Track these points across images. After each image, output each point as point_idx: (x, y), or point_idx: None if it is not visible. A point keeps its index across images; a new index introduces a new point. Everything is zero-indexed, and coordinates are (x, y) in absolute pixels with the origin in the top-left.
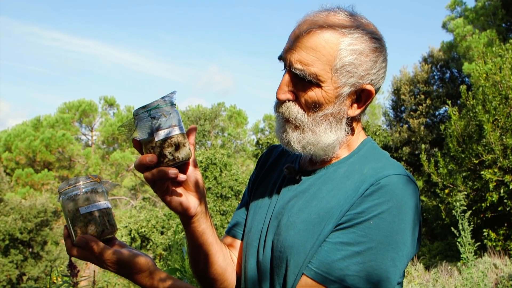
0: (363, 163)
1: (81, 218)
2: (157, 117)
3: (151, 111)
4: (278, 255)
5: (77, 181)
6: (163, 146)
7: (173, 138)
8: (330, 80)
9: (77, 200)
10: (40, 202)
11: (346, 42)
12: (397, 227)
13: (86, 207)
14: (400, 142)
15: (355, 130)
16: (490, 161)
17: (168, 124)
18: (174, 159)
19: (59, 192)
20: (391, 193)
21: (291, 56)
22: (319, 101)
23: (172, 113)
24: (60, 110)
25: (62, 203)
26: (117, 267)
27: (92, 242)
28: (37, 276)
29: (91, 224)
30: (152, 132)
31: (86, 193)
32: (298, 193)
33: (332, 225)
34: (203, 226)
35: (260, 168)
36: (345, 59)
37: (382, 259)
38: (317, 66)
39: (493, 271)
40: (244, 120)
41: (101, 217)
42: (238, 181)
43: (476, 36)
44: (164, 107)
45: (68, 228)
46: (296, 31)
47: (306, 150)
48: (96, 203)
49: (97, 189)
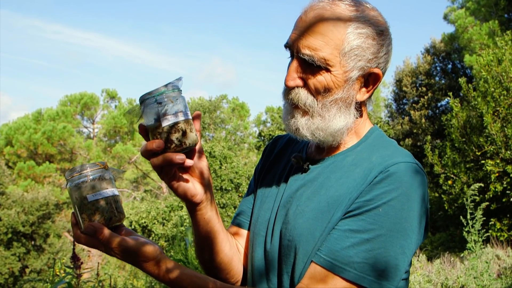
0: (371, 151)
1: (88, 206)
2: (163, 103)
3: (157, 97)
4: (286, 244)
5: (84, 168)
6: (170, 131)
7: (180, 124)
8: (339, 64)
9: (84, 187)
10: (42, 195)
11: (353, 26)
12: (406, 214)
13: (93, 194)
14: (402, 134)
15: (362, 116)
16: (492, 152)
17: (175, 110)
18: (181, 145)
19: (66, 179)
20: (400, 180)
21: (299, 42)
22: (329, 86)
23: (178, 98)
24: (61, 103)
25: (69, 190)
26: (124, 255)
27: (100, 230)
28: (40, 268)
29: (99, 211)
30: (158, 118)
31: (93, 180)
32: (307, 182)
33: (341, 212)
34: (209, 213)
35: (266, 158)
36: (353, 43)
37: (391, 247)
38: (326, 51)
39: (496, 262)
40: (247, 112)
41: (109, 204)
42: (239, 173)
43: (477, 28)
44: (171, 92)
45: (75, 215)
46: (302, 17)
47: (315, 136)
48: (103, 190)
49: (104, 176)
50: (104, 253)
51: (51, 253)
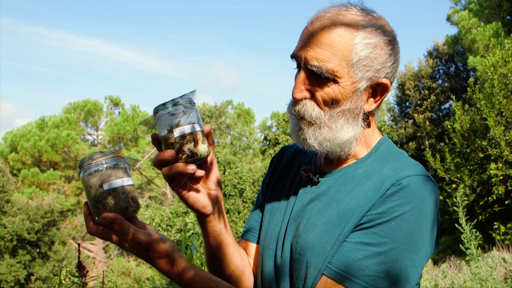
0: (382, 163)
1: (104, 195)
2: (176, 114)
3: (170, 108)
4: (297, 258)
5: (99, 156)
6: (182, 142)
7: (192, 134)
8: (347, 76)
9: (99, 176)
10: (47, 202)
11: (361, 36)
12: (418, 228)
13: (109, 183)
14: (406, 138)
15: (370, 125)
16: (495, 156)
17: (187, 121)
18: (192, 156)
19: (80, 167)
20: (413, 193)
21: (306, 54)
22: (337, 97)
23: (191, 110)
24: (65, 110)
25: (83, 179)
26: (138, 249)
27: (117, 221)
28: (45, 276)
29: (115, 201)
30: (171, 128)
31: (109, 169)
32: (318, 195)
33: (352, 225)
34: (219, 225)
35: (274, 169)
36: (361, 53)
37: (402, 260)
38: (334, 62)
39: (502, 265)
40: (252, 118)
41: (125, 194)
42: (242, 179)
43: (481, 29)
44: (184, 104)
45: (89, 205)
46: (309, 28)
47: (323, 147)
48: (119, 179)
49: (120, 164)
50: (117, 245)
51: (56, 260)
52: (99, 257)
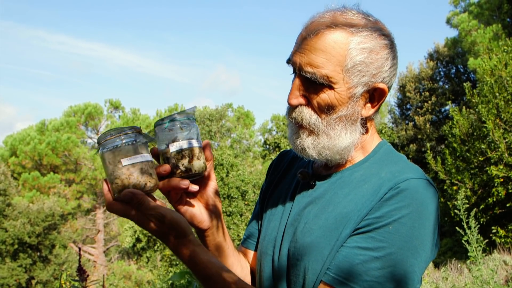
0: (380, 166)
1: (123, 170)
2: (174, 130)
3: (169, 123)
4: (295, 263)
5: (118, 132)
6: (177, 157)
7: (188, 150)
8: (342, 81)
9: (119, 151)
10: (48, 205)
11: (356, 40)
12: (417, 232)
13: (128, 158)
14: (406, 140)
15: (369, 130)
16: (495, 158)
17: (184, 137)
18: (187, 171)
19: (98, 143)
20: (411, 197)
21: (301, 59)
22: (333, 103)
23: (189, 126)
24: (65, 114)
25: (102, 155)
26: (157, 225)
27: (137, 196)
28: (46, 280)
29: (134, 176)
30: (168, 143)
31: (128, 144)
32: (314, 199)
33: (350, 229)
34: (218, 239)
35: (272, 175)
36: (356, 58)
37: (401, 265)
38: (328, 68)
39: (503, 268)
40: (252, 121)
41: (145, 170)
42: (245, 181)
43: (481, 31)
44: (182, 120)
45: (108, 181)
46: (303, 34)
47: (322, 156)
48: (138, 155)
49: (139, 140)
50: (135, 222)
51: (57, 264)
52: (100, 261)
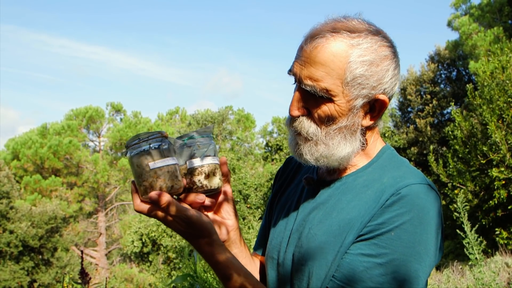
0: (383, 171)
1: (150, 173)
2: (192, 147)
3: (187, 141)
4: (299, 268)
5: (147, 136)
6: (194, 173)
7: (204, 167)
8: (342, 94)
9: (146, 155)
10: (50, 208)
11: (355, 53)
12: (419, 237)
13: (155, 162)
14: (408, 143)
15: (371, 138)
16: (497, 160)
17: (202, 154)
18: (202, 187)
19: (127, 147)
20: (412, 203)
21: (301, 72)
22: (332, 115)
23: (207, 144)
24: (67, 117)
25: (130, 159)
26: (184, 226)
27: (164, 198)
28: (48, 283)
29: (161, 179)
30: (186, 159)
31: (155, 149)
32: (318, 205)
33: (353, 236)
34: (234, 250)
35: (279, 181)
36: (356, 72)
37: (405, 271)
38: (327, 81)
39: (505, 270)
40: (252, 123)
41: (171, 173)
42: (247, 185)
43: (482, 34)
44: (199, 138)
45: (136, 183)
46: (303, 46)
47: (319, 163)
48: (165, 158)
49: (165, 144)
50: (162, 222)
51: (59, 267)
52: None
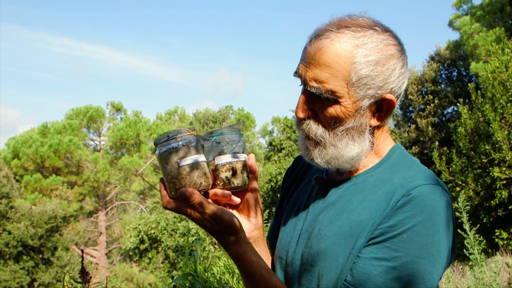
0: (393, 172)
1: (179, 171)
2: (221, 143)
3: (216, 137)
4: (308, 268)
5: (175, 133)
6: (221, 170)
7: (232, 164)
8: (348, 95)
9: (175, 153)
10: (50, 208)
11: (360, 54)
12: (431, 239)
13: (184, 159)
14: (409, 142)
15: (381, 137)
16: (499, 160)
17: (230, 151)
18: (229, 183)
19: (156, 144)
20: (423, 204)
21: (306, 74)
22: (339, 117)
23: (236, 140)
24: (67, 116)
25: (159, 156)
26: (212, 223)
27: (193, 194)
28: (48, 282)
29: (190, 176)
30: (214, 156)
31: (184, 146)
32: (328, 205)
33: (365, 238)
34: (257, 249)
35: (288, 181)
36: (361, 72)
37: (418, 273)
38: (333, 83)
39: (506, 270)
40: (252, 123)
41: (199, 170)
42: None
43: (483, 34)
44: (228, 134)
45: (165, 181)
46: (307, 47)
47: (331, 165)
48: (194, 155)
49: (193, 142)
50: (191, 219)
51: (59, 266)
52: (102, 263)
